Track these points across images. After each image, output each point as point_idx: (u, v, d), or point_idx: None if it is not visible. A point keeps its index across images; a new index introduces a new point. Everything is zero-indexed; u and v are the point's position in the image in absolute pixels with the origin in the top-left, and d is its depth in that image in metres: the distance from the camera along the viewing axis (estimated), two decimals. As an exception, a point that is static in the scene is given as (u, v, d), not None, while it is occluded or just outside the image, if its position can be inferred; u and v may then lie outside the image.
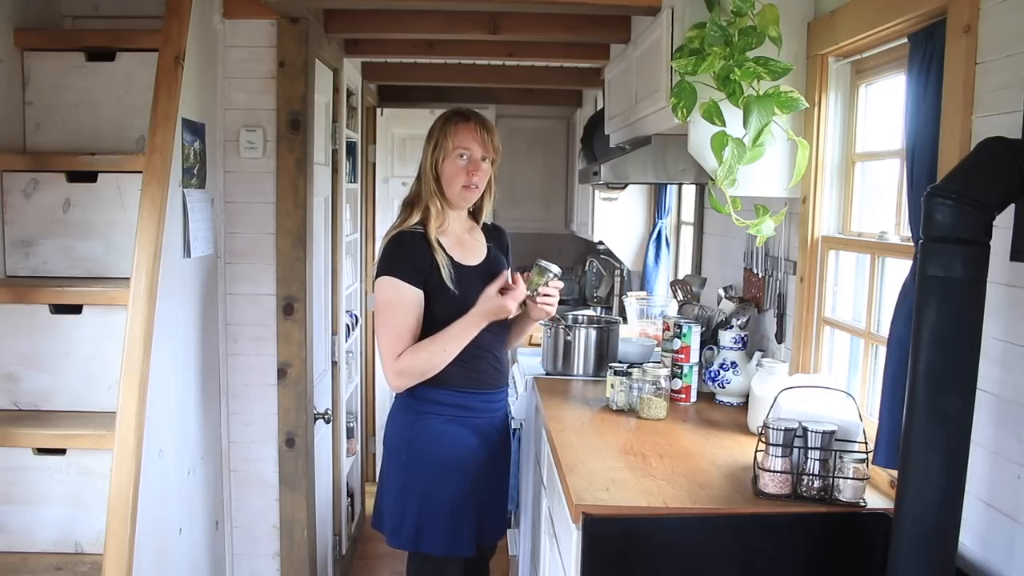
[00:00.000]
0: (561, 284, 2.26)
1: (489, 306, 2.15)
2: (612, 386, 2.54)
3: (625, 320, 3.70)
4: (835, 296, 2.32)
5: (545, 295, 2.23)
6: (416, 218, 2.23)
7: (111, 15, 2.67)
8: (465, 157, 2.21)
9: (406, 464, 2.25)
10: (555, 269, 2.22)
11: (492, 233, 2.44)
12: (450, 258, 2.21)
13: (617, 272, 4.62)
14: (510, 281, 2.18)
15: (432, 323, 2.20)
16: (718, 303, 2.85)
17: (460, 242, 2.30)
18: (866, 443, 1.78)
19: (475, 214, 2.39)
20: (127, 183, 2.35)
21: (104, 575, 1.96)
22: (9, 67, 2.40)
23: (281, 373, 2.86)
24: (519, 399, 3.08)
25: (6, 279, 2.35)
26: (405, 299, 2.16)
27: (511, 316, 2.22)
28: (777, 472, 1.79)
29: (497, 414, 2.35)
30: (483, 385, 2.28)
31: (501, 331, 2.32)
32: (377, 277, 2.20)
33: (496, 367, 2.32)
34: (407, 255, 2.18)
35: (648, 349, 3.14)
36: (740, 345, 2.58)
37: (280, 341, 2.85)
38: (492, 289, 2.15)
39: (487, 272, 2.28)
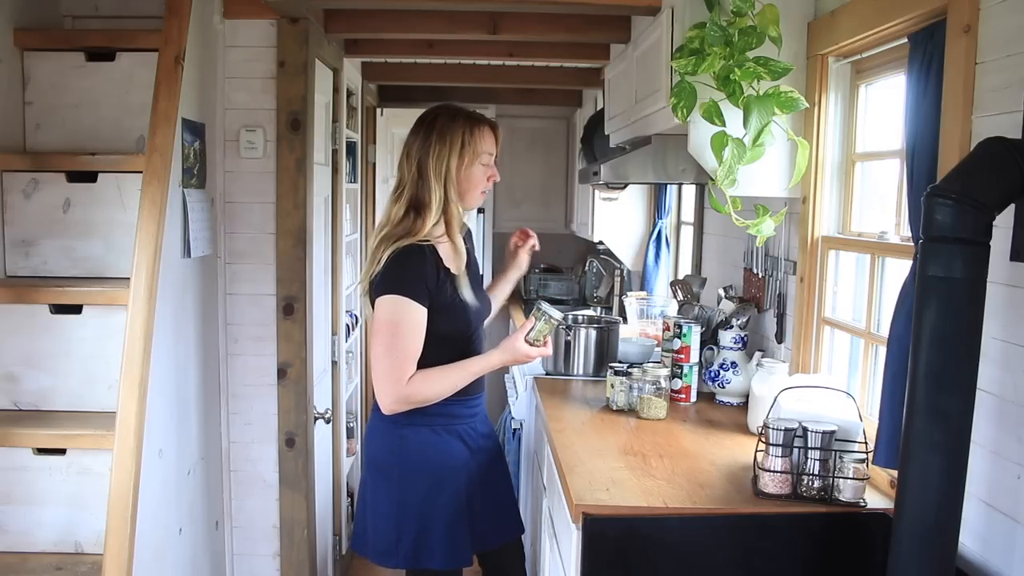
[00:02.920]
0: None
1: (520, 356, 2.13)
2: (612, 386, 2.54)
3: (625, 320, 3.70)
4: (835, 296, 2.32)
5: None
6: (428, 227, 2.07)
7: (111, 15, 2.67)
8: (489, 162, 2.16)
9: (399, 480, 2.15)
10: (557, 315, 2.12)
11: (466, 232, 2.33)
12: (446, 268, 2.10)
13: (617, 272, 4.62)
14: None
15: (434, 338, 2.07)
16: (718, 303, 2.85)
17: (455, 249, 2.18)
18: (866, 443, 1.78)
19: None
20: (127, 183, 2.35)
21: (104, 575, 1.96)
22: (9, 67, 2.40)
23: (281, 373, 2.86)
24: (519, 399, 3.08)
25: (6, 279, 2.35)
26: (415, 321, 2.02)
27: None
28: (777, 472, 1.80)
29: (478, 417, 2.26)
30: (467, 392, 2.18)
31: (483, 331, 2.26)
32: (384, 293, 2.03)
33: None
34: (419, 272, 2.03)
35: (648, 349, 3.14)
36: (740, 345, 2.58)
37: (280, 341, 2.85)
38: (520, 339, 2.10)
39: (473, 275, 2.22)
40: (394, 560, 2.16)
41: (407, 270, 2.03)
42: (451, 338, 2.12)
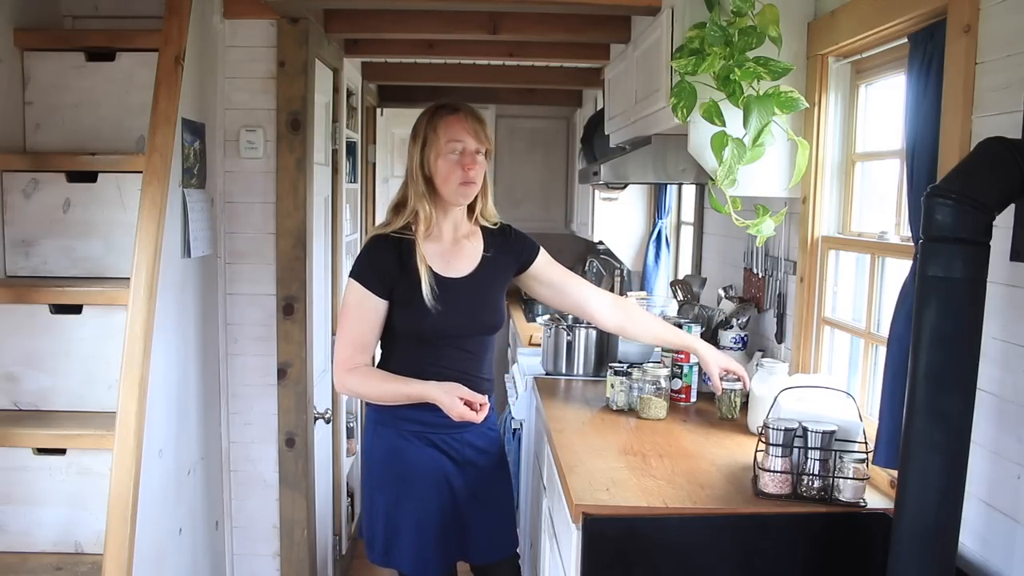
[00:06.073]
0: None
1: (454, 409, 2.00)
2: (612, 386, 2.54)
3: (625, 320, 3.69)
4: (835, 296, 2.32)
5: None
6: (401, 223, 2.10)
7: (111, 15, 2.67)
8: (458, 151, 2.05)
9: (370, 479, 2.19)
10: None
11: (497, 238, 2.24)
12: (429, 268, 2.07)
13: (617, 272, 4.62)
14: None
15: (393, 334, 2.10)
16: (718, 303, 2.85)
17: (448, 250, 2.14)
18: (866, 443, 1.78)
19: (473, 216, 2.21)
20: (127, 183, 2.35)
21: (104, 575, 1.96)
22: (9, 67, 2.40)
23: (281, 373, 2.86)
24: (519, 399, 3.08)
25: (6, 279, 2.35)
26: (365, 307, 2.08)
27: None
28: (777, 472, 1.79)
29: (472, 429, 2.16)
30: None
31: (480, 351, 2.18)
32: (349, 276, 2.13)
33: (466, 385, 2.10)
34: (376, 262, 2.08)
35: (648, 349, 3.14)
36: (740, 345, 2.58)
37: (280, 341, 2.85)
38: (463, 392, 2.02)
39: (473, 285, 2.14)
40: (372, 555, 2.21)
41: (366, 258, 2.11)
42: (411, 337, 2.09)
